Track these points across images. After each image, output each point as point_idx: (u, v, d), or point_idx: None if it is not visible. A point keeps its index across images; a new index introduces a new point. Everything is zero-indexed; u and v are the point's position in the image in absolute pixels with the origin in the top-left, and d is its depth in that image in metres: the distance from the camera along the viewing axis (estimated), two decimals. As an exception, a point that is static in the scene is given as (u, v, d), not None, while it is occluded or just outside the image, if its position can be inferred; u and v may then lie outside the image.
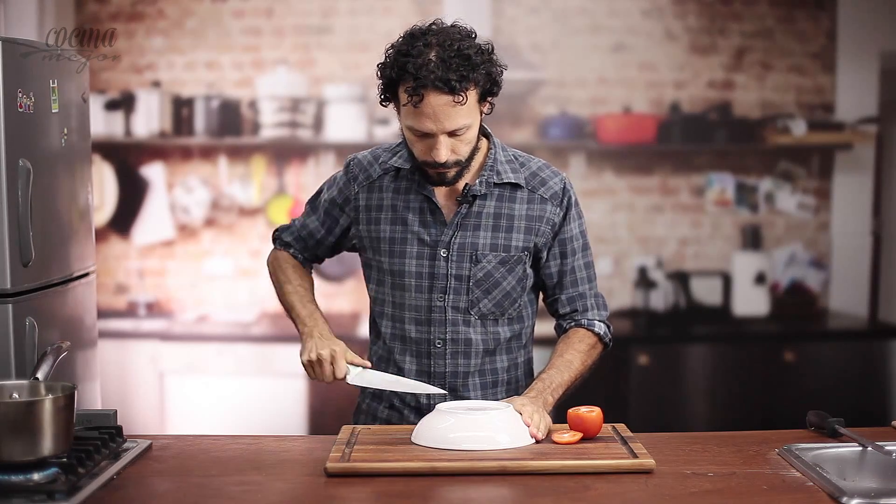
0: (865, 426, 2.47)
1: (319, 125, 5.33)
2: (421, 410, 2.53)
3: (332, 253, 2.74)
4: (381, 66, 2.40)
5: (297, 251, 2.72)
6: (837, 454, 2.32)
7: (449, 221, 2.53)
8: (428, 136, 2.38)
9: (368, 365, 2.47)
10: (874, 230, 5.43)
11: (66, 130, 3.53)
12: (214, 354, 5.31)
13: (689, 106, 5.36)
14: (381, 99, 2.44)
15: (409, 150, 2.50)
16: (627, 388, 5.26)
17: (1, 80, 3.13)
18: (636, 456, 2.22)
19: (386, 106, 2.45)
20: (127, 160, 5.33)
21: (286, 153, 5.33)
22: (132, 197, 5.32)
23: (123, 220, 5.33)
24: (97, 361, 3.89)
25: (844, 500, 1.99)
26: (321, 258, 2.76)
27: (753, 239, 5.41)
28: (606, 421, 2.41)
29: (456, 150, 2.41)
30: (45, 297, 3.37)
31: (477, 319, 2.56)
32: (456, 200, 2.53)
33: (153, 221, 5.34)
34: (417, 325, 2.56)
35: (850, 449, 2.33)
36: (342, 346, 2.45)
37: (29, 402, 2.11)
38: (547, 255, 2.58)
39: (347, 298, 5.24)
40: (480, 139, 2.50)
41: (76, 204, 3.65)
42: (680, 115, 5.35)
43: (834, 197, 5.42)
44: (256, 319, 5.34)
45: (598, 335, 2.60)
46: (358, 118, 5.30)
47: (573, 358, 2.54)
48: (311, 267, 2.75)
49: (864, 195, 5.41)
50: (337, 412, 5.07)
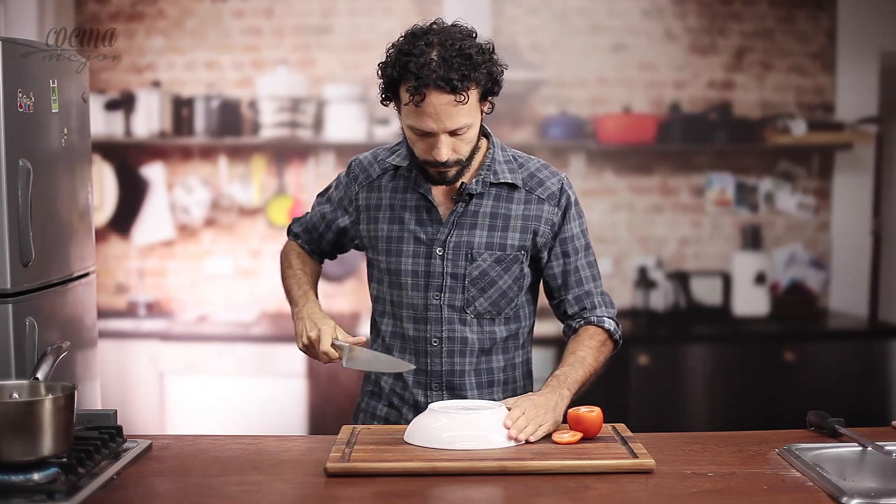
0: (865, 426, 2.47)
1: (319, 125, 5.33)
2: (419, 408, 2.53)
3: (333, 249, 2.74)
4: (382, 65, 2.40)
5: (304, 242, 2.75)
6: (837, 454, 2.32)
7: (445, 220, 2.54)
8: (429, 135, 2.39)
9: (361, 340, 2.44)
10: (874, 230, 5.42)
11: (66, 130, 3.53)
12: (214, 354, 5.31)
13: (689, 106, 5.36)
14: (381, 98, 2.45)
15: (408, 149, 2.50)
16: (627, 388, 5.26)
17: (1, 80, 3.13)
18: (636, 456, 2.22)
19: (387, 105, 2.46)
20: (127, 160, 5.33)
21: (286, 153, 5.33)
22: (132, 197, 5.32)
23: (123, 220, 5.33)
24: (97, 361, 3.89)
25: (844, 500, 1.99)
26: (326, 253, 2.76)
27: (753, 239, 5.41)
28: (606, 421, 2.41)
29: (457, 149, 2.41)
30: (45, 297, 3.37)
31: (473, 318, 2.56)
32: (452, 199, 2.54)
33: (153, 221, 5.33)
34: (415, 323, 2.57)
35: (850, 449, 2.33)
36: (330, 325, 2.44)
37: (29, 402, 2.11)
38: (548, 255, 2.58)
39: (347, 298, 5.23)
40: (480, 139, 2.50)
41: (76, 204, 3.65)
42: (680, 115, 5.35)
43: (834, 197, 5.42)
44: (256, 319, 5.34)
45: (608, 331, 2.59)
46: (358, 118, 5.30)
47: (586, 354, 2.53)
48: (319, 259, 2.77)
49: (864, 195, 5.41)
50: (337, 412, 5.08)
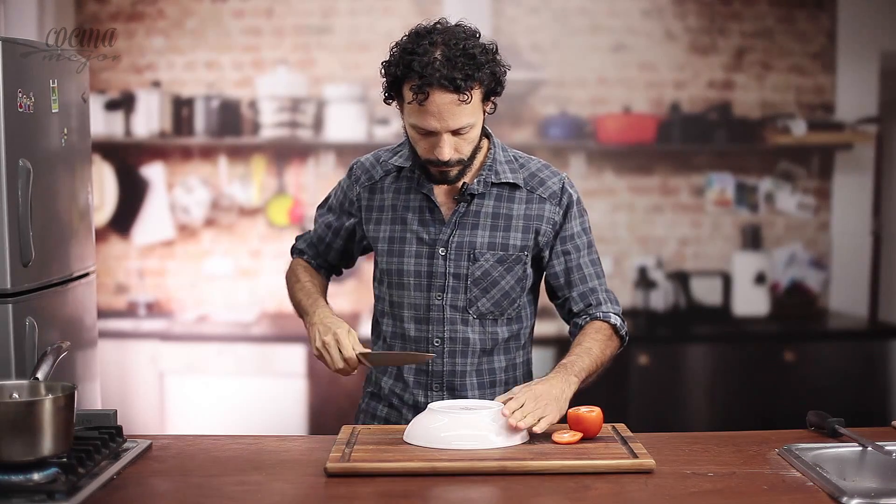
0: (865, 426, 2.47)
1: (319, 125, 5.33)
2: (419, 409, 2.52)
3: (342, 259, 2.73)
4: (385, 63, 2.40)
5: (310, 257, 2.74)
6: (837, 454, 2.31)
7: (447, 220, 2.54)
8: (432, 134, 2.39)
9: (370, 349, 2.48)
10: (874, 230, 5.42)
11: (66, 130, 3.53)
12: (214, 354, 5.31)
13: (689, 106, 5.36)
14: (384, 97, 2.45)
15: (411, 149, 2.50)
16: (627, 388, 5.26)
17: (1, 80, 3.12)
18: (636, 456, 2.22)
19: (390, 104, 2.46)
20: (127, 160, 5.33)
21: (286, 153, 5.33)
22: (132, 197, 5.32)
23: (123, 220, 5.33)
24: (97, 361, 3.89)
25: (844, 500, 1.99)
26: (334, 265, 2.75)
27: (753, 239, 5.41)
28: (606, 421, 2.41)
29: (459, 148, 2.42)
30: (45, 297, 3.37)
31: (475, 319, 2.56)
32: (454, 199, 2.54)
33: (153, 221, 5.33)
34: (417, 323, 2.57)
35: (850, 449, 2.33)
36: (344, 329, 2.44)
37: (29, 402, 2.10)
38: (550, 254, 2.58)
39: (347, 298, 5.23)
40: (481, 139, 2.50)
41: (76, 204, 3.65)
42: (680, 115, 5.35)
43: (834, 197, 5.42)
44: (256, 319, 5.34)
45: (613, 326, 2.58)
46: (358, 118, 5.30)
47: (592, 345, 2.52)
48: (326, 274, 2.76)
49: (864, 195, 5.41)
50: (337, 412, 5.08)
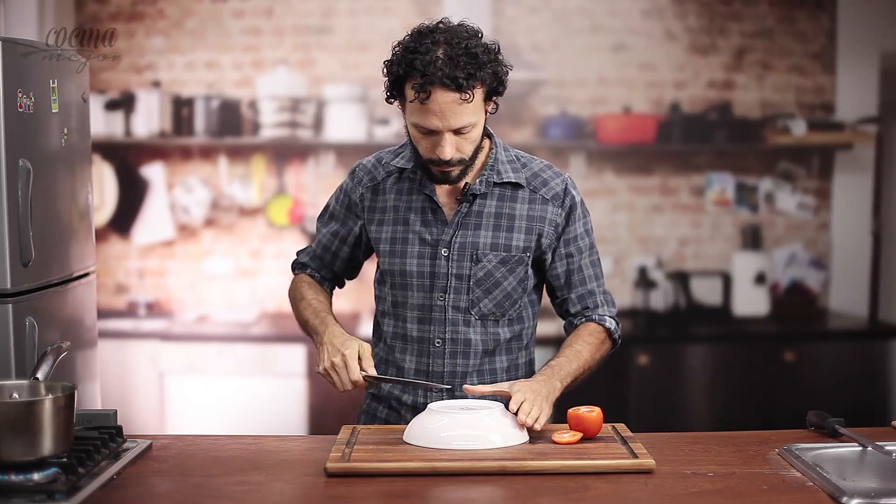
0: (865, 426, 2.47)
1: (319, 125, 5.33)
2: (419, 410, 2.52)
3: (349, 267, 2.71)
4: (387, 62, 2.40)
5: (314, 270, 2.71)
6: (837, 454, 2.31)
7: (450, 220, 2.53)
8: (433, 133, 2.39)
9: (374, 372, 2.44)
10: (874, 230, 5.42)
11: (66, 130, 3.52)
12: (214, 354, 5.31)
13: (689, 106, 5.35)
14: (386, 96, 2.44)
15: (413, 149, 2.50)
16: (627, 388, 5.26)
17: (1, 80, 3.12)
18: (636, 456, 2.22)
19: (392, 103, 2.46)
20: (127, 160, 5.33)
21: (286, 153, 5.33)
22: (132, 197, 5.32)
23: (123, 220, 5.33)
24: (97, 361, 3.89)
25: (844, 500, 1.99)
26: (340, 276, 2.73)
27: (753, 239, 5.41)
28: (606, 421, 2.41)
29: (460, 148, 2.41)
30: (45, 297, 3.37)
31: (477, 319, 2.56)
32: (456, 200, 2.54)
33: (153, 221, 5.33)
34: (418, 323, 2.57)
35: (850, 449, 2.33)
36: (354, 346, 2.41)
37: (29, 402, 2.10)
38: (552, 255, 2.58)
39: (347, 298, 5.23)
40: (483, 139, 2.50)
41: (76, 204, 3.65)
42: (680, 115, 5.35)
43: (834, 197, 5.42)
44: (256, 319, 5.34)
45: (608, 330, 2.60)
46: (358, 118, 5.30)
47: (582, 349, 2.53)
48: (330, 288, 2.74)
49: (864, 195, 5.41)
50: (337, 412, 5.07)
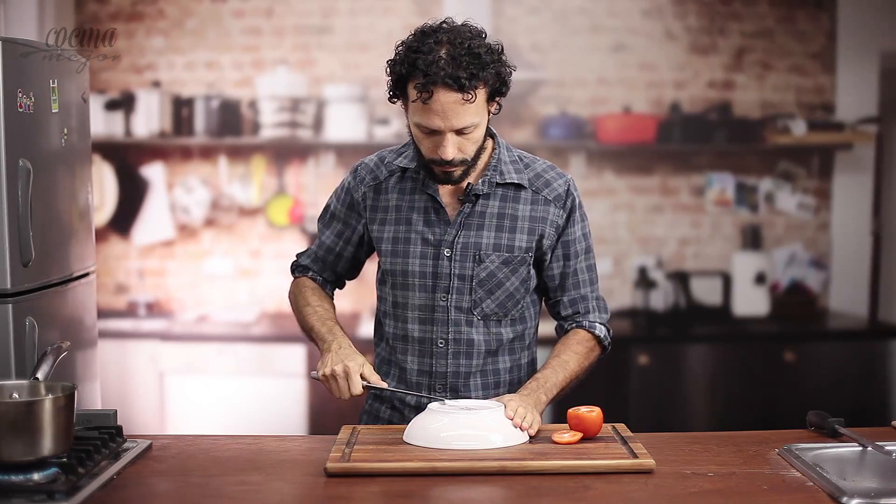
0: (865, 426, 2.48)
1: (319, 125, 5.33)
2: (421, 411, 2.52)
3: (352, 267, 2.70)
4: (390, 62, 2.40)
5: (316, 273, 2.70)
6: (837, 454, 2.32)
7: (452, 221, 2.53)
8: (435, 133, 2.38)
9: (385, 385, 2.43)
10: (874, 230, 5.42)
11: (66, 130, 3.53)
12: (214, 354, 5.31)
13: (689, 106, 5.36)
14: (389, 95, 2.44)
15: (415, 148, 2.49)
16: (627, 388, 5.26)
17: (1, 80, 3.12)
18: (636, 456, 2.22)
19: (394, 102, 2.45)
20: (127, 160, 5.33)
21: (286, 153, 5.33)
22: (132, 197, 5.32)
23: (123, 220, 5.33)
24: (97, 361, 3.89)
25: (844, 500, 1.99)
26: (342, 276, 2.72)
27: (753, 239, 5.41)
28: (606, 421, 2.41)
29: (462, 148, 2.41)
30: (45, 297, 3.37)
31: (479, 320, 2.55)
32: (459, 200, 2.54)
33: (153, 221, 5.34)
34: (421, 324, 2.56)
35: (850, 449, 2.33)
36: (359, 361, 2.40)
37: (29, 402, 2.11)
38: (550, 256, 2.58)
39: (347, 298, 5.21)
40: (486, 139, 2.50)
41: (76, 204, 3.65)
42: (680, 115, 5.35)
43: (834, 197, 5.42)
44: (256, 319, 5.34)
45: (597, 337, 2.60)
46: (358, 118, 5.30)
47: (569, 359, 2.54)
48: (332, 290, 2.73)
49: (864, 195, 5.41)
50: (337, 412, 5.06)
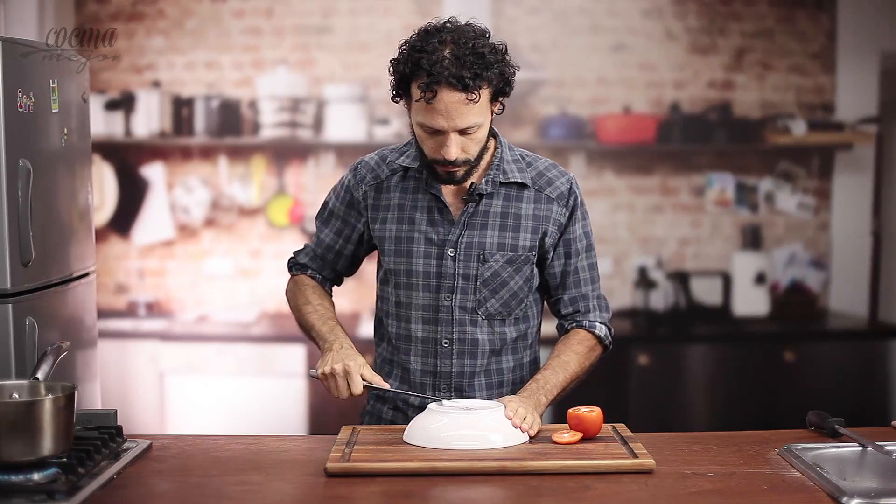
0: (865, 426, 2.47)
1: (319, 125, 5.33)
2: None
3: (351, 265, 2.70)
4: (394, 61, 2.39)
5: (314, 271, 2.69)
6: (837, 454, 2.32)
7: (456, 220, 2.52)
8: (438, 133, 2.38)
9: (386, 386, 2.43)
10: (874, 230, 5.42)
11: (66, 130, 3.53)
12: (214, 354, 5.31)
13: (689, 106, 5.35)
14: (392, 95, 2.43)
15: (417, 148, 2.49)
16: (627, 388, 5.26)
17: (1, 80, 3.13)
18: (636, 456, 2.22)
19: (397, 102, 2.44)
20: (127, 160, 5.33)
21: (286, 153, 5.33)
22: (132, 197, 5.32)
23: (123, 220, 5.33)
24: (97, 361, 3.89)
25: (844, 500, 1.99)
26: (341, 274, 2.71)
27: (753, 239, 5.41)
28: (606, 421, 2.41)
29: (466, 148, 2.40)
30: (45, 297, 3.37)
31: (484, 319, 2.55)
32: (462, 199, 2.53)
33: (153, 221, 5.34)
34: (424, 324, 2.55)
35: (850, 449, 2.33)
36: (359, 361, 2.40)
37: (29, 402, 2.11)
38: (552, 254, 2.58)
39: (347, 298, 5.23)
40: (489, 139, 2.49)
41: (76, 204, 3.65)
42: (680, 115, 5.35)
43: (834, 197, 5.42)
44: (256, 319, 5.34)
45: (598, 337, 2.60)
46: (358, 118, 5.30)
47: (570, 359, 2.54)
48: (330, 288, 2.72)
49: (864, 195, 5.41)
50: (337, 412, 5.06)
